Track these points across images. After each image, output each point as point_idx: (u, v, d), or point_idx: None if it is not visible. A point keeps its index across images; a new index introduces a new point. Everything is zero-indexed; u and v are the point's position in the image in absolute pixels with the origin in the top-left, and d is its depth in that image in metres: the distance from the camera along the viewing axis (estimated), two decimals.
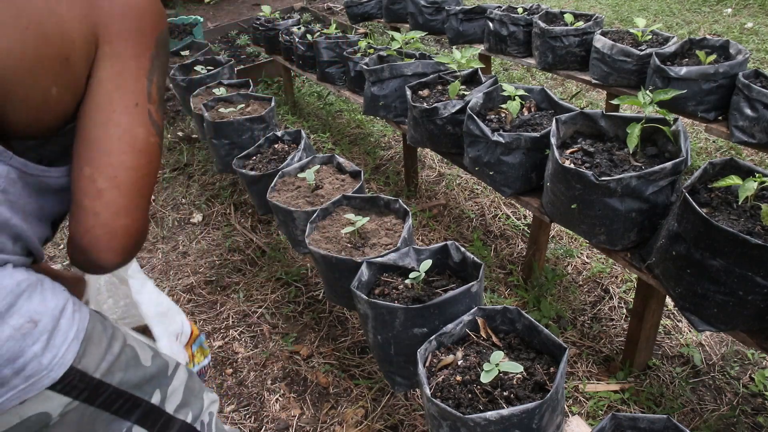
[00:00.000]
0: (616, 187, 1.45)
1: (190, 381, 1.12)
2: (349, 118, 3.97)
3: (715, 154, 3.05)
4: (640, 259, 1.54)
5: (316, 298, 2.31)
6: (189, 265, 2.60)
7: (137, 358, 0.96)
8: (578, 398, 1.76)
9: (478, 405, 1.09)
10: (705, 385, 1.78)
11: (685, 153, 1.46)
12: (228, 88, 2.94)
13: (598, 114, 1.72)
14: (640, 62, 2.53)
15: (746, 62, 2.26)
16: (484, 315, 1.29)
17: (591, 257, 2.38)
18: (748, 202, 1.34)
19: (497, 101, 2.09)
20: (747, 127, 2.13)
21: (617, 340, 1.96)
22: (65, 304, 0.84)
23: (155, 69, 0.85)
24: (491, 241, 2.54)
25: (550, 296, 2.16)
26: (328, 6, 6.88)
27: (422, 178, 3.11)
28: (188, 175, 3.42)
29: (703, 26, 4.80)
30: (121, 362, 0.91)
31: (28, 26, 0.74)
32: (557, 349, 1.16)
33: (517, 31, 3.19)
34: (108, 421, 0.90)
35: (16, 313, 0.77)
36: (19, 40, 0.73)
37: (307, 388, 1.92)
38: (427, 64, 2.49)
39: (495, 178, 1.90)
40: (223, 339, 2.15)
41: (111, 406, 0.90)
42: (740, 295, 1.22)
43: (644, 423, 1.03)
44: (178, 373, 1.09)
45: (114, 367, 0.89)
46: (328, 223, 1.74)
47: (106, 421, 0.90)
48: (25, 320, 0.77)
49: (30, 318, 0.78)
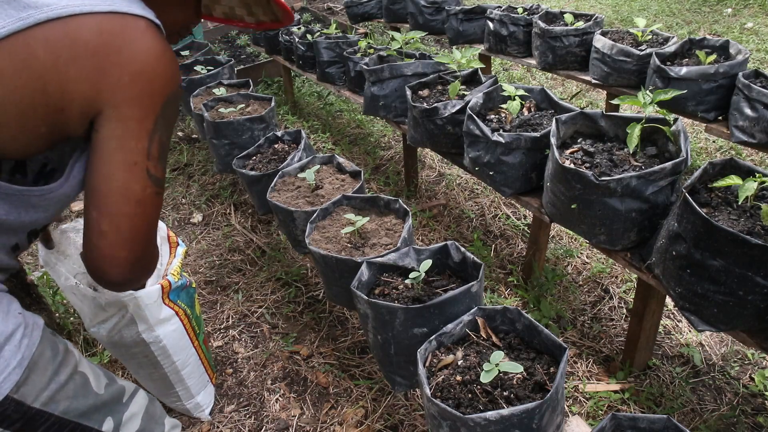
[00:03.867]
0: (616, 187, 1.45)
1: (150, 407, 1.14)
2: (349, 118, 3.97)
3: (715, 154, 3.05)
4: (640, 259, 1.54)
5: (316, 298, 2.31)
6: (189, 265, 2.60)
7: (87, 386, 0.98)
8: (578, 398, 1.76)
9: (478, 405, 1.09)
10: (705, 385, 1.78)
11: (685, 153, 1.46)
12: (228, 88, 2.94)
13: (598, 114, 1.72)
14: (640, 62, 2.53)
15: (746, 62, 2.26)
16: (484, 315, 1.29)
17: (591, 257, 2.38)
18: (748, 202, 1.34)
19: (497, 101, 2.09)
20: (747, 127, 2.13)
21: (617, 340, 1.96)
22: (14, 329, 0.87)
23: (158, 128, 0.91)
24: (491, 241, 2.54)
25: (550, 296, 2.16)
26: (328, 6, 6.88)
27: (422, 178, 3.11)
28: (188, 175, 3.42)
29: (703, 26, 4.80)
30: (68, 390, 0.94)
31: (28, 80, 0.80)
32: (557, 349, 1.16)
33: (517, 31, 3.18)
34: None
35: None
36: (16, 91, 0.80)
37: (307, 388, 1.92)
38: (427, 64, 2.49)
39: (495, 178, 1.90)
40: (223, 339, 2.15)
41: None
42: (740, 295, 1.22)
43: (644, 423, 1.03)
44: (135, 399, 1.10)
45: (58, 396, 0.92)
46: (328, 223, 1.74)
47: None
48: None
49: None
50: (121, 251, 0.90)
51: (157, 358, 1.56)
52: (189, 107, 2.92)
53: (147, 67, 0.86)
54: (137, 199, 0.89)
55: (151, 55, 0.87)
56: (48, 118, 0.83)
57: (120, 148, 0.87)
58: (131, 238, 0.90)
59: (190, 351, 1.66)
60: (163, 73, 0.89)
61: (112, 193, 0.88)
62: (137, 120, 0.87)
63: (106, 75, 0.83)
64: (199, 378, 1.74)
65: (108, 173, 0.87)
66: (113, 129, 0.86)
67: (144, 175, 0.90)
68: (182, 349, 1.61)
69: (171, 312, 1.53)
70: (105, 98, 0.84)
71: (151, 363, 1.57)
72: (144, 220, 0.92)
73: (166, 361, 1.59)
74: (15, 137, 0.83)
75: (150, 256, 0.97)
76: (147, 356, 1.55)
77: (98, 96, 0.84)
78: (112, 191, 0.88)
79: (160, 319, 1.50)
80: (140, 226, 0.92)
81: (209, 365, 1.81)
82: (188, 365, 1.66)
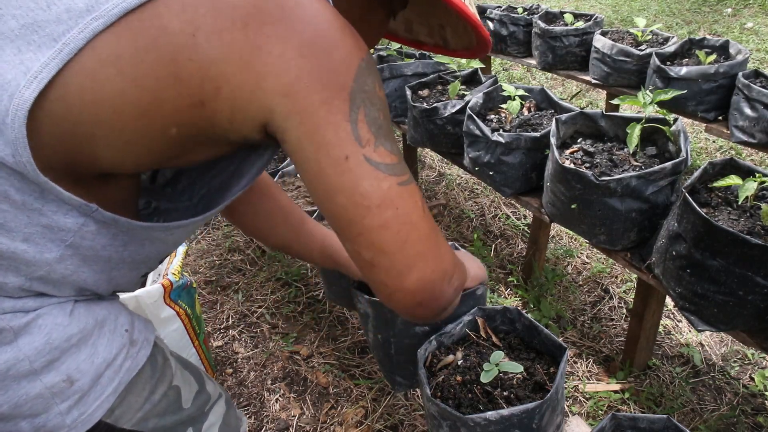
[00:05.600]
0: (616, 187, 1.45)
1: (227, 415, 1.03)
2: None
3: (715, 154, 3.05)
4: (640, 259, 1.54)
5: (316, 298, 2.31)
6: (189, 265, 2.60)
7: (178, 401, 0.88)
8: (578, 398, 1.76)
9: (478, 405, 1.09)
10: (705, 385, 1.78)
11: (685, 153, 1.46)
12: None
13: (598, 114, 1.72)
14: (640, 62, 2.53)
15: (746, 62, 2.27)
16: (484, 315, 1.29)
17: (591, 257, 2.38)
18: (748, 202, 1.34)
19: (497, 101, 2.09)
20: (747, 127, 2.13)
21: (617, 340, 1.96)
22: (117, 353, 0.76)
23: (359, 105, 0.65)
24: (491, 241, 2.54)
25: (550, 296, 2.16)
26: None
27: (422, 178, 3.11)
28: None
29: (703, 26, 4.80)
30: (160, 408, 0.83)
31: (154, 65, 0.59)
32: (557, 349, 1.16)
33: (517, 31, 3.19)
34: None
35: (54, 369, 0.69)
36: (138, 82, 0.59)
37: (307, 388, 1.92)
38: (427, 64, 2.50)
39: (495, 178, 1.90)
40: (223, 339, 2.15)
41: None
42: (740, 295, 1.22)
43: (644, 423, 1.03)
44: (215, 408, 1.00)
45: (149, 414, 0.82)
46: None
47: None
48: (62, 378, 0.70)
49: (68, 376, 0.70)
50: (406, 276, 0.68)
51: None
52: None
53: (319, 35, 0.63)
54: (377, 203, 0.65)
55: (321, 20, 0.63)
56: (180, 115, 0.62)
57: (318, 148, 0.63)
58: (404, 254, 0.68)
59: (191, 351, 1.66)
60: (343, 40, 0.64)
61: (345, 211, 0.66)
62: (324, 103, 0.62)
63: (263, 52, 0.60)
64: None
65: (326, 188, 0.65)
66: (300, 126, 0.63)
67: (368, 168, 0.65)
68: (183, 349, 1.62)
69: (172, 312, 1.53)
70: (269, 85, 0.61)
71: None
72: (405, 222, 0.67)
73: None
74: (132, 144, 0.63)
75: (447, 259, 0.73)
76: None
77: (257, 83, 0.61)
78: (344, 209, 0.66)
79: (161, 318, 1.50)
80: (406, 232, 0.67)
81: (209, 365, 1.81)
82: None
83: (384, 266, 0.68)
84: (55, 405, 0.70)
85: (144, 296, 1.42)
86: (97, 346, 0.74)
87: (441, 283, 0.72)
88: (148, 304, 1.44)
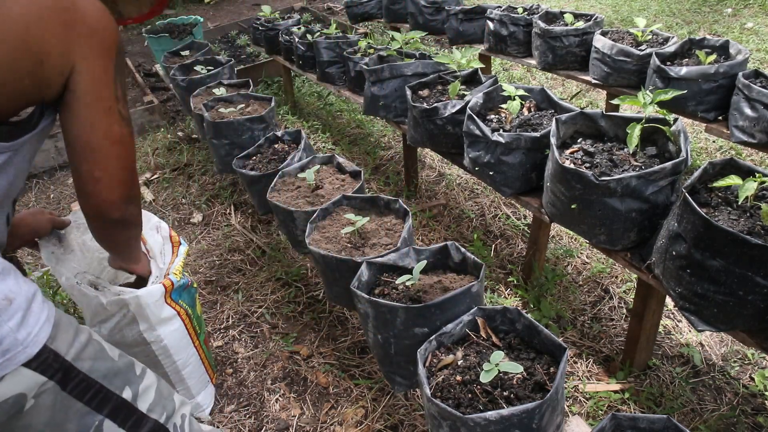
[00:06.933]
0: (616, 187, 1.45)
1: (159, 384, 1.19)
2: (349, 118, 3.97)
3: (715, 154, 3.05)
4: (640, 259, 1.54)
5: (316, 298, 2.31)
6: (189, 265, 2.60)
7: (103, 351, 1.05)
8: (578, 398, 1.76)
9: (478, 405, 1.09)
10: (705, 385, 1.78)
11: (685, 153, 1.46)
12: (228, 88, 2.94)
13: (598, 114, 1.72)
14: (640, 62, 2.53)
15: (746, 62, 2.26)
16: (484, 315, 1.29)
17: (591, 257, 2.38)
18: (748, 202, 1.34)
19: (497, 101, 2.09)
20: (747, 127, 2.13)
21: (617, 340, 1.96)
22: (36, 292, 0.94)
23: (118, 73, 1.03)
24: (491, 241, 2.54)
25: (550, 296, 2.16)
26: (328, 6, 6.88)
27: (422, 178, 3.11)
28: (188, 175, 3.42)
29: (703, 26, 4.80)
30: (89, 351, 1.01)
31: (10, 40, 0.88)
32: (557, 349, 1.16)
33: (517, 31, 3.18)
34: (81, 413, 0.97)
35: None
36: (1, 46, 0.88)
37: (307, 388, 1.92)
38: (427, 64, 2.49)
39: (495, 178, 1.90)
40: (223, 339, 2.15)
41: (83, 395, 0.97)
42: (740, 295, 1.22)
43: (644, 423, 1.03)
44: (147, 374, 1.16)
45: (83, 354, 0.99)
46: (328, 223, 1.74)
47: (78, 413, 0.97)
48: (1, 297, 0.87)
49: (5, 296, 0.88)
50: (116, 191, 1.03)
51: (157, 358, 1.56)
52: (189, 107, 2.92)
53: (100, 20, 0.97)
54: (118, 139, 1.02)
55: (98, 9, 0.98)
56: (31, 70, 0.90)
57: (97, 98, 0.98)
58: (122, 176, 1.04)
59: (191, 351, 1.66)
60: (110, 25, 1.00)
61: (98, 139, 0.99)
62: (103, 69, 0.99)
63: (71, 29, 0.93)
64: (200, 378, 1.74)
65: (92, 123, 0.98)
66: (87, 83, 0.97)
67: (119, 117, 1.02)
68: (183, 348, 1.62)
69: (173, 312, 1.53)
70: (76, 51, 0.94)
71: (152, 362, 1.57)
72: (128, 158, 1.05)
73: (167, 361, 1.59)
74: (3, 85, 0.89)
75: (138, 190, 1.12)
76: (148, 356, 1.55)
77: (69, 49, 0.93)
78: (98, 137, 0.99)
79: (162, 318, 1.50)
80: (126, 163, 1.04)
81: (209, 365, 1.81)
82: (189, 365, 1.66)
83: (106, 183, 1.02)
84: (3, 322, 0.86)
85: (145, 296, 1.42)
86: (18, 279, 0.93)
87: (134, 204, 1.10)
88: (149, 303, 1.44)
